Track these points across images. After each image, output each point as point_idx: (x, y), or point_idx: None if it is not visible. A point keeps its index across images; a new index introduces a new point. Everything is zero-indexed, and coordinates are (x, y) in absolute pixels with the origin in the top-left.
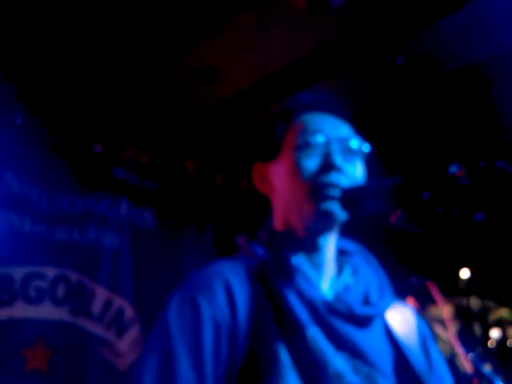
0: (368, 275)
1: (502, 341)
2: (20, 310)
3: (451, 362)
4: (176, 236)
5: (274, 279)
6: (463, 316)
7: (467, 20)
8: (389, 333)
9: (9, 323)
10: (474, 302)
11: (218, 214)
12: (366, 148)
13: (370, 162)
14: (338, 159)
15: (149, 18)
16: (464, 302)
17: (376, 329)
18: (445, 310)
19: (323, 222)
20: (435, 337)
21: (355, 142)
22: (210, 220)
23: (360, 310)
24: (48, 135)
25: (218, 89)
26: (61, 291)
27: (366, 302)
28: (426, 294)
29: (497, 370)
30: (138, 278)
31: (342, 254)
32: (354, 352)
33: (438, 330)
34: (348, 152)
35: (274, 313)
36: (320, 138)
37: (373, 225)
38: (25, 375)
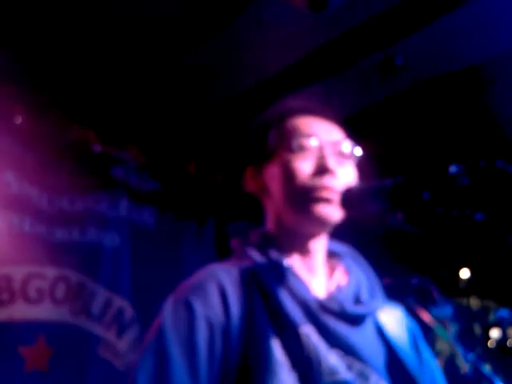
0: (359, 276)
1: (502, 341)
2: (20, 310)
3: (451, 361)
4: (176, 236)
5: (267, 281)
6: (463, 316)
7: (467, 20)
8: (380, 332)
9: (9, 323)
10: (474, 302)
11: (218, 214)
12: (358, 152)
13: (369, 162)
14: (332, 163)
15: (147, 18)
16: (464, 301)
17: (368, 327)
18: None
19: (316, 225)
20: (435, 337)
21: (347, 146)
22: (210, 220)
23: (352, 308)
24: (48, 135)
25: (218, 89)
26: (61, 291)
27: (358, 301)
28: (426, 294)
29: (497, 369)
30: (137, 278)
31: (332, 256)
32: (346, 349)
33: (438, 329)
34: (340, 156)
35: (268, 313)
36: (313, 142)
37: (373, 225)
38: (25, 375)
